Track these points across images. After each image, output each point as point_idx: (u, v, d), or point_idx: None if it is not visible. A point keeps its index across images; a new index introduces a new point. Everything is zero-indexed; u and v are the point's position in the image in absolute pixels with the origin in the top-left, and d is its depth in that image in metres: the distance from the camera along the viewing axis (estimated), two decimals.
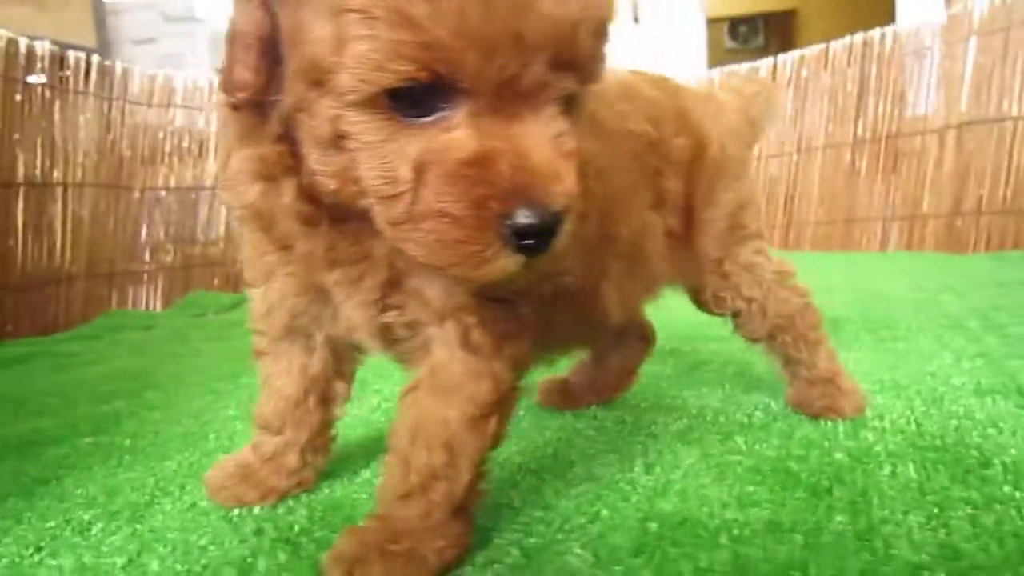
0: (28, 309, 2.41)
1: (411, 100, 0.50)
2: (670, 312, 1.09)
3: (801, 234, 3.65)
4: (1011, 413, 1.00)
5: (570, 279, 0.78)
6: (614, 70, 0.97)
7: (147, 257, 2.93)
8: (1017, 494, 0.75)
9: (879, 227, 3.28)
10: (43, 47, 2.45)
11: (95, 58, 2.68)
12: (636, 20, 5.41)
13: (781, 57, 3.70)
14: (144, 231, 2.94)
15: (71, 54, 2.58)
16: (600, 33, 0.53)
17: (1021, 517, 0.70)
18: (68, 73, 2.55)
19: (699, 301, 1.03)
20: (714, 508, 0.76)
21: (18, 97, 2.37)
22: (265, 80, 0.56)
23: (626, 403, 1.18)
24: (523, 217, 0.50)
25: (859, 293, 2.15)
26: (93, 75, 2.66)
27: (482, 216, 0.50)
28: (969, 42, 2.98)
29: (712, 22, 8.91)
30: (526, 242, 0.51)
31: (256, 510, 0.84)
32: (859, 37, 3.37)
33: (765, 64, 3.76)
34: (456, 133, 0.51)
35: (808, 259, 3.30)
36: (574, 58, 0.51)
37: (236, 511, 0.84)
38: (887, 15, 4.77)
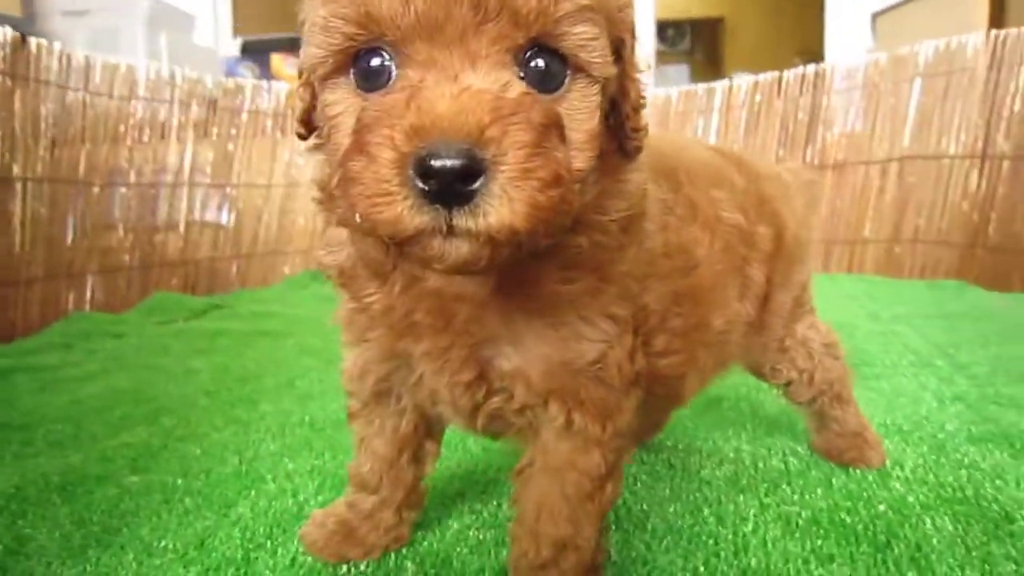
0: None
1: (368, 75, 0.55)
2: None
3: None
4: (1008, 464, 1.14)
5: (666, 362, 0.82)
6: (695, 148, 1.02)
7: (106, 256, 2.81)
8: None
9: (822, 249, 3.51)
10: (3, 33, 2.31)
11: (56, 45, 2.55)
12: None
13: (736, 80, 3.88)
14: (103, 228, 2.82)
15: (32, 41, 2.44)
16: None
17: None
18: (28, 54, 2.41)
19: (759, 373, 1.11)
20: (798, 564, 0.85)
21: None
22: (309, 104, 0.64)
23: (664, 446, 1.26)
24: (424, 153, 0.47)
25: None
26: (54, 63, 2.53)
27: (386, 154, 0.49)
28: (914, 82, 3.23)
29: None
30: (431, 183, 0.48)
31: (362, 566, 0.88)
32: (811, 68, 3.58)
33: (720, 86, 3.93)
34: (393, 92, 0.53)
35: None
36: (507, 7, 0.51)
37: (344, 567, 0.87)
38: (814, 30, 5.13)
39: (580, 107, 0.57)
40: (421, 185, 0.48)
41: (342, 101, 0.57)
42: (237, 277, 3.42)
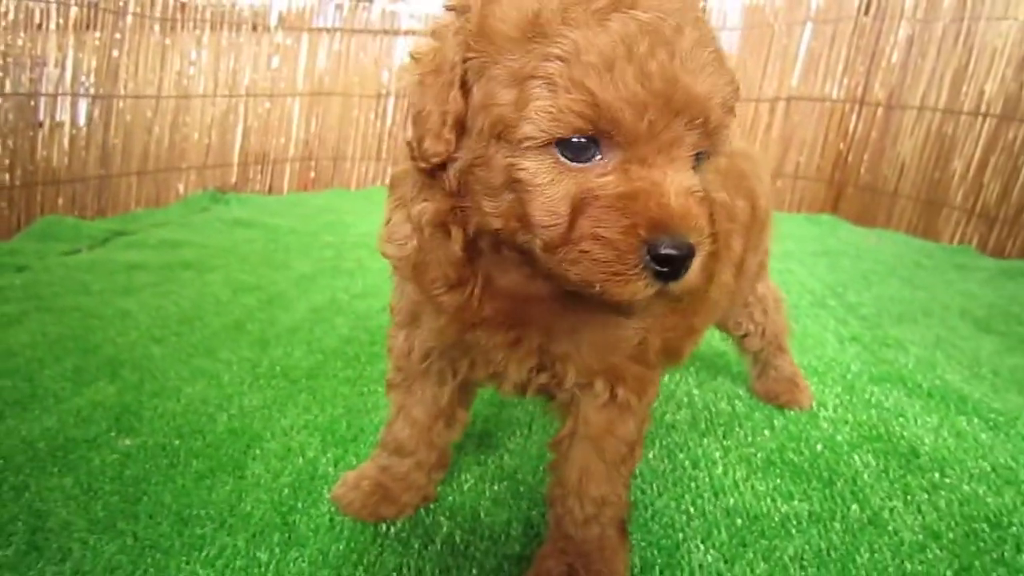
0: None
1: (574, 148, 0.63)
2: None
3: None
4: (907, 403, 1.38)
5: (674, 335, 0.95)
6: None
7: None
8: (946, 480, 1.11)
9: None
10: None
11: None
12: None
13: None
14: None
15: None
16: (727, 107, 0.65)
17: (957, 500, 1.05)
18: None
19: (722, 327, 1.26)
20: (767, 502, 1.03)
21: None
22: (454, 147, 0.69)
23: None
24: (663, 245, 0.60)
25: None
26: None
27: (628, 241, 0.61)
28: (805, 26, 3.44)
29: None
30: (662, 268, 0.61)
31: (399, 524, 0.97)
32: (713, 3, 3.71)
33: None
34: (611, 175, 0.63)
35: None
36: (705, 123, 0.63)
37: (383, 526, 0.96)
38: None
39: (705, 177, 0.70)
40: (656, 267, 0.61)
41: (545, 171, 0.64)
42: (129, 196, 3.20)
